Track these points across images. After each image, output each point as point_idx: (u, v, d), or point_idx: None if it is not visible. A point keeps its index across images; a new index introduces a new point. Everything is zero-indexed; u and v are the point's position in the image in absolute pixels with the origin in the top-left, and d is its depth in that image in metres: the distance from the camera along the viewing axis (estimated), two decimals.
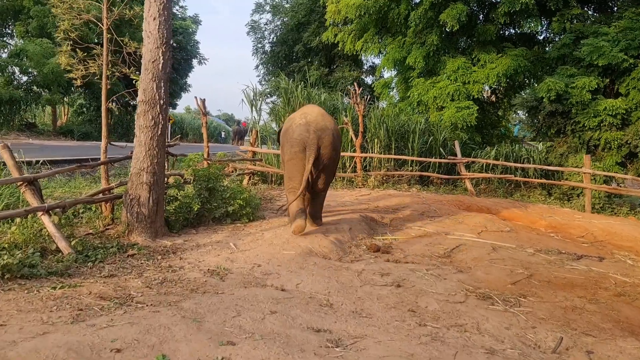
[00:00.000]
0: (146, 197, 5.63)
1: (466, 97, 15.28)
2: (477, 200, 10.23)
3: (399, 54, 16.20)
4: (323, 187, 6.46)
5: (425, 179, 13.04)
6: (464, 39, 16.97)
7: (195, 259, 5.03)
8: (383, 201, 9.15)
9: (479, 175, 12.25)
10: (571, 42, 14.75)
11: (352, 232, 6.47)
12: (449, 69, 15.56)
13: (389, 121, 13.17)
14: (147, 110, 5.71)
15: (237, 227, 6.45)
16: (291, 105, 12.65)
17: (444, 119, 14.88)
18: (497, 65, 15.07)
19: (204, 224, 6.55)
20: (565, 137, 14.58)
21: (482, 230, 7.53)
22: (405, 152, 13.49)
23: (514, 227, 8.09)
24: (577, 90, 13.57)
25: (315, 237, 5.88)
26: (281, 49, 24.28)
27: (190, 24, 32.79)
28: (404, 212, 8.44)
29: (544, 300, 4.45)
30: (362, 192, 10.07)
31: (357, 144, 11.65)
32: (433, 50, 15.73)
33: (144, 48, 5.84)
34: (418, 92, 15.77)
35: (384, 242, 6.46)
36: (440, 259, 5.81)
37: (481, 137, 16.55)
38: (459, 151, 11.93)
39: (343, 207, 8.38)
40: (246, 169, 11.43)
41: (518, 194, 12.96)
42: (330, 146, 6.14)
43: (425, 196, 10.06)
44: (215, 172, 6.64)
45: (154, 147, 5.72)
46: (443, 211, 8.68)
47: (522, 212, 9.61)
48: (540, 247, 6.81)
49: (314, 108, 6.69)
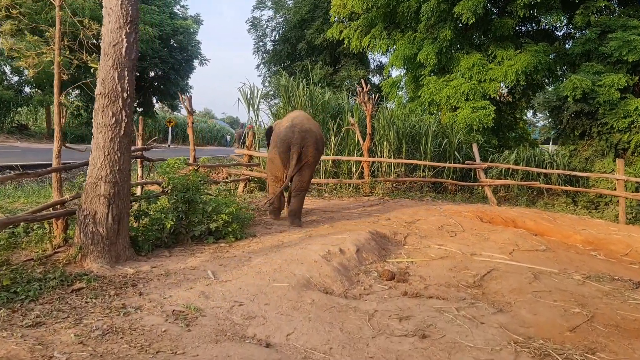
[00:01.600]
0: (104, 213, 4.52)
1: (482, 97, 14.14)
2: (499, 211, 9.07)
3: (409, 50, 15.06)
4: (303, 185, 6.94)
5: (439, 186, 11.90)
6: (479, 34, 15.79)
7: (160, 294, 3.91)
8: (394, 212, 8.01)
9: (501, 182, 11.09)
10: (596, 37, 13.60)
11: (359, 254, 5.33)
12: (463, 66, 14.42)
13: (399, 122, 12.04)
14: (107, 106, 4.61)
15: (221, 248, 5.32)
16: (292, 104, 11.54)
17: (458, 120, 13.75)
18: (516, 62, 13.91)
19: (182, 243, 5.44)
20: (590, 140, 13.42)
21: (514, 249, 6.38)
22: (416, 156, 12.35)
23: (549, 244, 6.92)
24: (604, 89, 12.43)
25: (314, 263, 4.74)
26: (283, 47, 23.16)
27: (191, 23, 31.79)
28: (420, 226, 7.30)
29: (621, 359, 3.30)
30: (370, 202, 8.93)
31: (365, 148, 10.53)
32: (446, 46, 14.59)
33: (104, 28, 4.75)
34: (430, 91, 14.63)
35: (399, 266, 5.32)
36: (471, 290, 4.66)
37: (497, 139, 15.39)
38: (477, 155, 10.78)
39: (349, 220, 7.25)
40: (241, 175, 10.33)
41: (541, 202, 11.80)
42: (312, 146, 6.76)
43: (441, 206, 8.92)
44: (196, 181, 5.51)
45: (114, 151, 4.61)
46: (464, 225, 7.53)
47: (552, 225, 8.44)
48: (586, 271, 5.65)
49: (299, 113, 7.40)
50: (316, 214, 7.70)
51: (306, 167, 6.83)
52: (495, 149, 14.61)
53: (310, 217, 7.33)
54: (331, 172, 11.67)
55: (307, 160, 6.78)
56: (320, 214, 7.64)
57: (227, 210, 5.50)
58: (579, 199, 12.37)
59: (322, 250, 5.10)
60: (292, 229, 6.30)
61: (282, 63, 22.98)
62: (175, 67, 31.21)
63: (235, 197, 8.99)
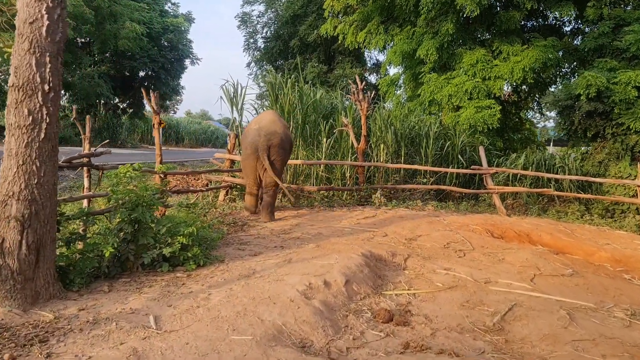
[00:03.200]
0: (15, 240, 3.49)
1: (486, 95, 13.13)
2: (511, 223, 8.04)
3: (407, 46, 14.03)
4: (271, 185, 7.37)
5: (441, 192, 10.87)
6: (483, 29, 14.75)
7: (77, 354, 2.88)
8: (392, 226, 6.98)
9: (510, 189, 10.06)
10: (610, 31, 12.61)
11: (349, 286, 4.28)
12: (466, 62, 13.40)
13: (397, 123, 11.01)
14: (21, 101, 3.58)
15: (176, 280, 4.27)
16: (279, 102, 10.50)
17: (461, 121, 12.73)
18: (523, 57, 12.91)
19: (128, 272, 4.39)
20: (604, 142, 12.40)
21: (535, 274, 5.35)
22: (416, 159, 11.33)
23: (574, 266, 5.90)
24: (620, 87, 11.42)
25: (290, 303, 3.69)
26: (275, 44, 22.05)
27: (182, 21, 30.71)
28: (422, 243, 6.27)
29: None
30: (365, 213, 7.89)
31: (359, 151, 9.50)
32: (448, 41, 13.57)
33: (19, 2, 3.68)
34: (430, 89, 13.61)
35: (398, 300, 4.28)
36: (490, 337, 3.63)
37: (502, 142, 14.38)
38: (484, 159, 9.75)
39: (339, 237, 6.20)
40: (223, 182, 9.30)
41: (552, 210, 10.77)
42: (277, 147, 7.21)
43: (445, 217, 7.89)
44: (146, 195, 4.46)
45: (32, 160, 3.58)
46: (474, 241, 6.50)
47: (571, 239, 7.41)
48: (627, 303, 4.64)
49: (267, 115, 7.74)
50: (302, 228, 6.66)
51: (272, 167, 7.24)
52: (500, 151, 13.60)
53: (294, 234, 6.29)
54: (323, 178, 10.63)
55: (274, 159, 7.25)
56: (306, 229, 6.59)
57: (186, 230, 4.45)
58: (593, 207, 11.35)
59: (302, 284, 4.05)
60: (269, 252, 5.25)
61: (274, 61, 21.86)
62: (165, 66, 30.11)
63: (212, 209, 7.97)
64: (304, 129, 10.90)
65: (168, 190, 6.37)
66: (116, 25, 23.46)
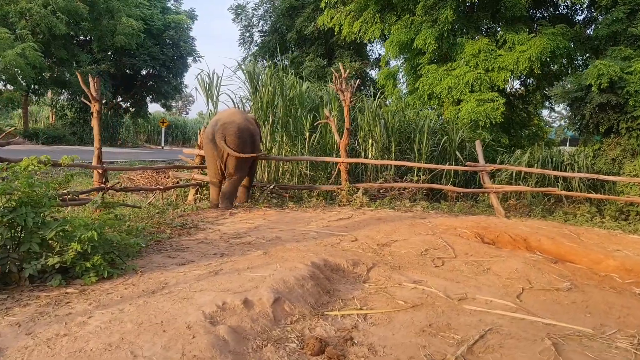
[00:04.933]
0: None
1: (489, 88, 12.16)
2: (507, 225, 7.10)
3: (405, 35, 13.11)
4: (232, 171, 7.43)
5: (437, 192, 9.94)
6: (487, 16, 13.74)
7: None
8: (366, 230, 6.09)
9: (511, 189, 9.10)
10: (625, 17, 11.59)
11: (278, 306, 3.41)
12: (467, 52, 12.45)
13: (388, 116, 10.10)
14: None
15: (62, 297, 3.43)
16: (259, 94, 9.67)
17: (462, 115, 11.79)
18: (529, 47, 11.92)
19: (14, 287, 3.58)
20: (618, 138, 11.38)
21: (524, 287, 4.45)
22: (410, 156, 10.41)
23: (574, 277, 4.98)
24: (635, 77, 10.42)
25: (185, 330, 2.84)
26: (272, 38, 21.14)
27: (184, 18, 30.07)
28: (396, 250, 5.38)
29: None
30: (340, 215, 7.01)
31: (341, 146, 8.63)
32: (448, 30, 12.62)
33: None
34: (429, 82, 12.67)
35: (342, 324, 3.40)
36: None
37: (508, 138, 13.38)
38: (481, 155, 8.81)
39: (299, 242, 5.34)
40: (192, 180, 8.50)
41: (560, 211, 9.76)
42: (233, 136, 7.27)
43: (432, 220, 6.98)
44: (30, 192, 3.63)
45: None
46: (458, 247, 5.60)
47: (576, 245, 6.46)
48: (634, 326, 3.72)
49: (230, 110, 8.36)
50: (260, 232, 5.80)
51: (230, 157, 7.30)
52: (506, 148, 12.60)
53: (247, 238, 5.43)
54: (307, 176, 9.78)
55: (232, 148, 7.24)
56: (264, 233, 5.73)
57: (85, 235, 3.61)
58: (606, 208, 10.33)
59: (213, 304, 3.20)
60: (202, 261, 4.39)
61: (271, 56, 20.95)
62: (167, 64, 29.46)
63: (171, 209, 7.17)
64: (288, 124, 10.06)
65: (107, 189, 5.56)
66: (113, 21, 22.84)
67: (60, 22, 19.67)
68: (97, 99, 5.90)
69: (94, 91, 5.91)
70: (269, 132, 9.95)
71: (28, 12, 19.17)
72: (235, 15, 23.35)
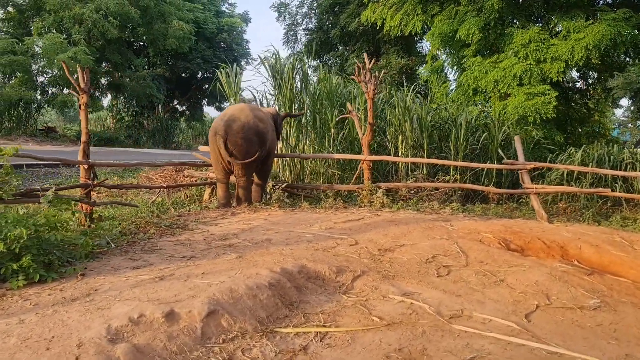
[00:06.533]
0: None
1: (540, 80, 11.11)
2: (544, 230, 6.22)
3: (448, 26, 12.25)
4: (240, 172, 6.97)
5: (478, 194, 9.08)
6: (539, 3, 12.63)
7: None
8: (372, 233, 5.45)
9: (552, 189, 8.14)
10: None
11: (213, 319, 2.85)
12: (517, 42, 11.44)
13: (421, 111, 9.35)
14: None
15: None
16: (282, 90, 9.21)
17: (509, 110, 10.81)
18: (586, 34, 10.77)
19: None
20: None
21: (538, 304, 3.69)
22: (447, 154, 9.61)
23: (609, 293, 4.13)
24: None
25: (73, 350, 2.35)
26: (316, 36, 20.61)
27: (237, 21, 30.23)
28: (399, 256, 4.71)
29: None
30: (351, 216, 6.37)
31: (364, 142, 7.99)
32: (494, 19, 11.66)
33: None
34: (474, 75, 11.76)
35: (291, 345, 2.81)
36: None
37: (564, 135, 12.22)
38: (520, 152, 7.90)
39: (287, 245, 4.78)
40: (208, 178, 8.15)
41: (617, 216, 8.65)
42: (237, 134, 6.76)
43: (455, 223, 6.21)
44: None
45: None
46: (472, 254, 4.85)
47: (624, 254, 5.50)
48: None
49: (238, 105, 7.52)
50: (252, 234, 5.28)
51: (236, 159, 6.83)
52: (560, 147, 11.46)
53: (232, 240, 4.92)
54: (333, 176, 9.19)
55: (234, 149, 6.78)
56: (255, 235, 5.21)
57: (12, 233, 3.22)
58: None
59: (127, 316, 2.70)
60: (162, 264, 3.92)
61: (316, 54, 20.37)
62: (217, 66, 29.66)
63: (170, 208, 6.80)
64: (315, 120, 9.55)
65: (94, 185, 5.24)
66: (164, 25, 23.17)
67: (112, 26, 20.11)
68: (84, 90, 5.60)
69: (82, 82, 5.62)
70: (294, 129, 9.49)
71: (81, 16, 19.71)
72: (278, 14, 23.09)
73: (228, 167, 7.03)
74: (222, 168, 7.07)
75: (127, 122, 27.47)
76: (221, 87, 9.48)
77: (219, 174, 7.16)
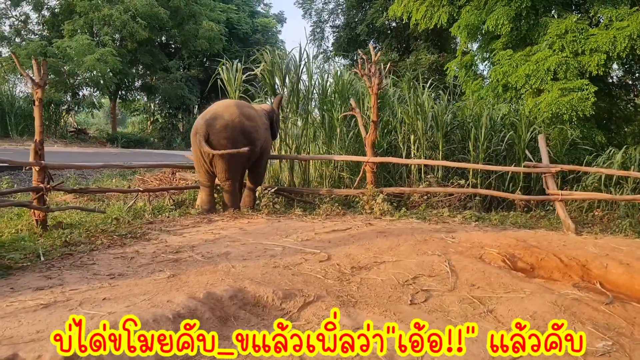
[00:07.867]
0: None
1: (578, 75, 10.03)
2: (566, 244, 5.31)
3: (475, 17, 11.31)
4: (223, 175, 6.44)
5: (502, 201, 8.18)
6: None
7: None
8: (354, 246, 4.71)
9: (580, 195, 7.16)
10: None
11: None
12: (551, 33, 10.38)
13: (438, 108, 8.50)
14: None
15: None
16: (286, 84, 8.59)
17: (542, 108, 9.81)
18: (630, 22, 9.63)
19: None
20: None
21: (521, 344, 2.88)
22: (466, 156, 8.74)
23: (630, 330, 3.26)
24: None
25: None
26: (344, 33, 19.86)
27: (271, 21, 29.86)
28: (373, 276, 3.97)
29: None
30: (338, 226, 5.64)
31: (367, 142, 7.27)
32: (527, 8, 10.65)
33: None
34: (503, 70, 10.76)
35: None
36: None
37: (607, 136, 11.06)
38: (544, 153, 6.94)
39: (244, 261, 4.12)
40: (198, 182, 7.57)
41: None
42: (220, 133, 6.26)
43: (459, 235, 5.38)
44: None
45: None
46: (465, 274, 4.06)
47: None
48: None
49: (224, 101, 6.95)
50: (215, 245, 4.65)
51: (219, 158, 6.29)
52: (602, 147, 10.33)
53: (185, 253, 4.30)
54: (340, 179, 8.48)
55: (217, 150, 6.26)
56: (216, 247, 4.57)
57: None
58: None
59: None
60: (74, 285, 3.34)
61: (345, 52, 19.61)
62: None
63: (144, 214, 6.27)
64: (324, 119, 8.88)
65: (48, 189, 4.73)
66: (195, 26, 22.99)
67: (140, 28, 20.04)
68: (40, 84, 5.13)
69: (37, 76, 5.15)
70: (301, 129, 8.86)
71: (110, 18, 19.73)
72: (304, 11, 22.47)
73: (211, 169, 6.49)
74: (205, 171, 6.54)
75: (160, 124, 27.51)
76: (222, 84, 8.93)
77: (202, 177, 6.66)
